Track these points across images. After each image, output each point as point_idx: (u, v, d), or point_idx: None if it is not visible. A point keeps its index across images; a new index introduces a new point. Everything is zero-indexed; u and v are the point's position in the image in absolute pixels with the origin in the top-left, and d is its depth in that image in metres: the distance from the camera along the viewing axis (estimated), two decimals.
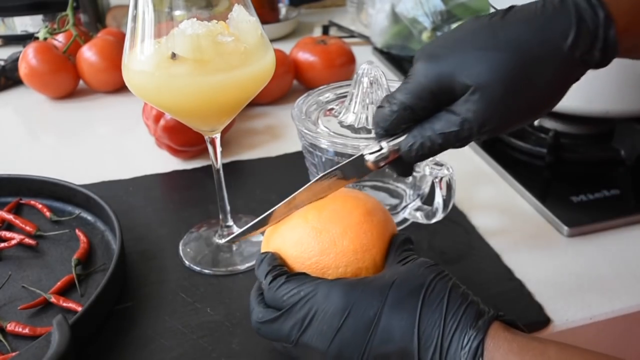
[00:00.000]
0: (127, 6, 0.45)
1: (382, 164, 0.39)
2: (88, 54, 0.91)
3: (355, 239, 0.39)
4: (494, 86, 0.35)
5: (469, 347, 0.33)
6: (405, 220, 0.58)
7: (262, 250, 0.43)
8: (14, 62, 0.97)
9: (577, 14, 0.34)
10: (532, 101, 0.36)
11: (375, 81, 0.54)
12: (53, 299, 0.49)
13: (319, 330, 0.35)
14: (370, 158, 0.39)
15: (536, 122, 0.73)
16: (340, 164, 0.41)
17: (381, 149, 0.39)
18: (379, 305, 0.35)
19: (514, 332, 0.34)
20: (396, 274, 0.37)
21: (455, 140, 0.37)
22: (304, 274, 0.38)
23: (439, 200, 0.51)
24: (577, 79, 0.37)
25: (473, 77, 0.35)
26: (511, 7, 0.36)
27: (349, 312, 0.35)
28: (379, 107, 0.39)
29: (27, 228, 0.58)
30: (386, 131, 0.39)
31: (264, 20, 0.49)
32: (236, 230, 0.57)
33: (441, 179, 0.50)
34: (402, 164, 0.40)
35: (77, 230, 0.58)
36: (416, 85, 0.36)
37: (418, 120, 0.38)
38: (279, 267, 0.39)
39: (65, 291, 0.51)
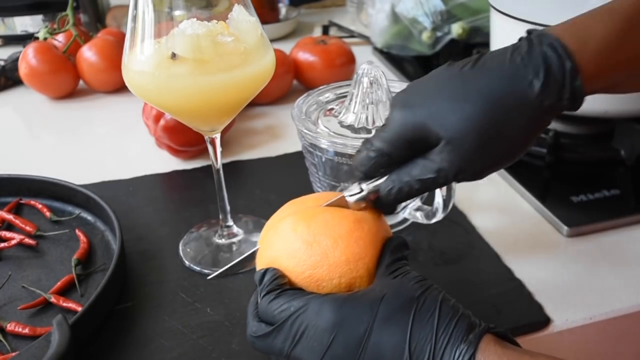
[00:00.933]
0: (127, 6, 0.45)
1: (362, 204, 0.41)
2: (88, 54, 0.91)
3: (346, 249, 0.38)
4: (465, 137, 0.36)
5: None
6: (405, 220, 0.58)
7: (257, 262, 0.43)
8: (14, 62, 0.97)
9: (544, 64, 0.35)
10: (504, 149, 0.37)
11: (375, 81, 0.54)
12: (53, 299, 0.49)
13: (310, 347, 0.35)
14: (350, 200, 0.41)
15: None
16: (324, 205, 0.41)
17: (361, 191, 0.40)
18: (369, 321, 0.34)
19: (505, 345, 0.34)
20: (386, 288, 0.36)
21: (432, 185, 0.38)
22: (297, 288, 0.38)
23: (439, 200, 0.51)
24: (548, 124, 0.38)
25: (445, 128, 0.36)
26: (481, 55, 0.37)
27: (339, 328, 0.35)
28: (358, 151, 0.40)
29: (27, 228, 0.58)
30: (365, 175, 0.40)
31: (264, 20, 0.49)
32: (236, 230, 0.57)
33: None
34: (382, 204, 0.41)
35: (77, 230, 0.58)
36: (392, 133, 0.38)
37: (395, 164, 0.39)
38: (275, 281, 0.38)
39: (65, 291, 0.51)
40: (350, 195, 0.41)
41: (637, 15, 0.37)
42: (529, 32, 0.38)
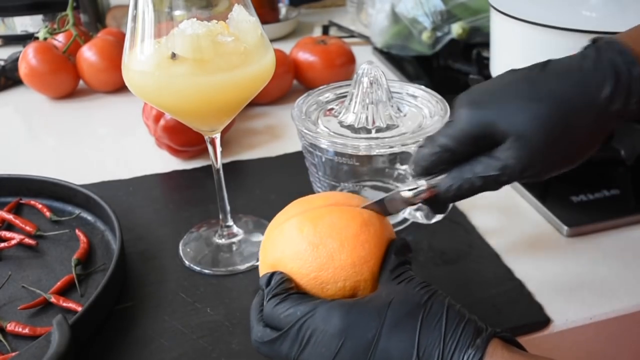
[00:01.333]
0: (127, 6, 0.45)
1: (418, 200, 0.41)
2: (88, 54, 0.91)
3: (353, 252, 0.38)
4: (534, 135, 0.36)
5: None
6: (405, 220, 0.58)
7: (260, 260, 0.42)
8: (14, 62, 0.97)
9: (612, 70, 0.36)
10: (569, 150, 0.38)
11: (375, 81, 0.54)
12: (53, 299, 0.49)
13: (318, 353, 0.35)
14: (408, 194, 0.41)
15: None
16: (376, 200, 0.41)
17: (418, 186, 0.40)
18: (377, 327, 0.35)
19: (512, 349, 0.34)
20: (392, 294, 0.36)
21: (495, 183, 0.39)
22: (302, 293, 0.38)
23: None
24: (612, 130, 0.39)
25: (515, 126, 0.37)
26: (549, 61, 0.38)
27: (347, 334, 0.35)
28: (420, 146, 0.40)
29: (27, 228, 0.58)
30: (425, 170, 0.40)
31: (264, 20, 0.49)
32: (236, 230, 0.57)
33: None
34: (436, 202, 0.41)
35: (77, 230, 0.58)
36: (459, 130, 0.38)
37: (456, 162, 0.39)
38: (282, 285, 0.38)
39: (65, 291, 0.51)
40: (409, 190, 0.40)
41: None
42: (595, 40, 0.39)
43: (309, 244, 0.39)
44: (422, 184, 0.40)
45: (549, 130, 0.36)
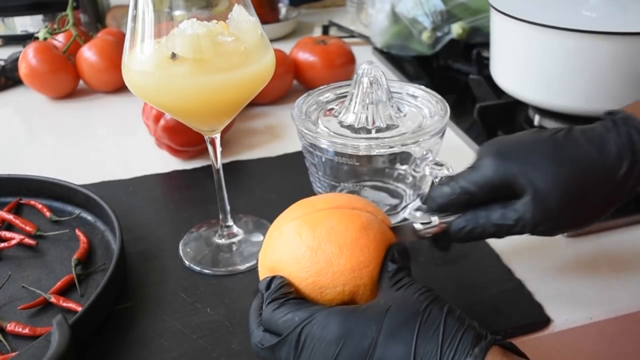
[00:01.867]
0: (127, 6, 0.45)
1: (427, 235, 0.42)
2: (88, 54, 0.90)
3: (352, 256, 0.38)
4: (552, 195, 0.39)
5: None
6: (405, 220, 0.58)
7: (260, 262, 0.42)
8: (14, 62, 0.97)
9: (629, 149, 0.39)
10: (582, 214, 0.41)
11: (375, 81, 0.54)
12: (53, 299, 0.49)
13: None
14: (419, 227, 0.42)
15: (536, 122, 0.73)
16: (391, 226, 0.42)
17: (431, 222, 0.42)
18: (374, 336, 0.34)
19: (511, 357, 0.34)
20: (390, 300, 0.36)
21: (506, 232, 0.41)
22: (301, 298, 0.38)
23: None
24: (625, 201, 0.42)
25: (536, 183, 0.39)
26: (572, 128, 0.41)
27: (344, 342, 0.35)
28: (440, 184, 0.43)
29: (27, 228, 0.58)
30: (440, 207, 0.42)
31: (264, 20, 0.49)
32: (236, 230, 0.57)
33: (441, 179, 0.50)
34: (443, 239, 0.42)
35: (77, 230, 0.58)
36: (482, 177, 0.41)
37: (472, 206, 0.42)
38: (281, 290, 0.38)
39: (65, 291, 0.51)
40: (422, 224, 0.42)
41: None
42: (610, 112, 0.42)
43: (308, 249, 0.39)
44: (435, 220, 0.42)
45: (566, 193, 0.39)
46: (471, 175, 0.41)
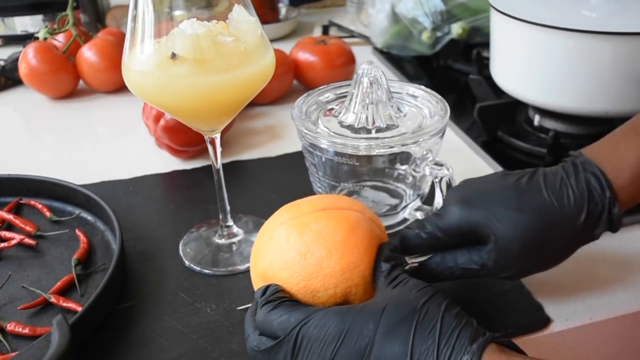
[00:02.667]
0: (127, 6, 0.45)
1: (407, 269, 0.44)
2: (88, 54, 0.91)
3: (341, 258, 0.38)
4: (514, 245, 0.41)
5: None
6: (405, 220, 0.58)
7: (251, 268, 0.43)
8: (14, 62, 0.97)
9: (589, 193, 0.41)
10: (545, 258, 0.43)
11: (375, 81, 0.54)
12: (53, 299, 0.49)
13: None
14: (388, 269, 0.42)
15: (536, 122, 0.73)
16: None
17: (408, 263, 0.45)
18: (371, 335, 0.34)
19: (509, 354, 0.34)
20: (387, 299, 0.36)
21: (472, 276, 0.44)
22: (295, 301, 0.38)
23: (439, 200, 0.51)
24: (585, 243, 0.44)
25: (499, 233, 0.41)
26: (536, 171, 0.43)
27: (341, 342, 0.35)
28: (407, 227, 0.45)
29: (27, 228, 0.58)
30: (411, 250, 0.45)
31: (264, 20, 0.49)
32: (236, 230, 0.57)
33: (441, 179, 0.50)
34: (419, 276, 0.42)
35: (77, 230, 0.58)
36: (448, 224, 0.43)
37: (441, 249, 0.44)
38: (276, 295, 0.38)
39: (65, 291, 0.51)
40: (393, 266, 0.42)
41: None
42: (571, 154, 0.44)
43: (297, 253, 0.39)
44: (408, 261, 0.45)
45: (527, 242, 0.41)
46: (439, 222, 0.43)
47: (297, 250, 0.39)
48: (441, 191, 0.51)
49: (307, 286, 0.38)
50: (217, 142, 0.52)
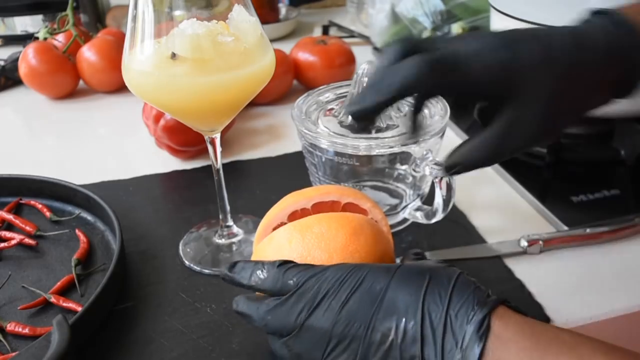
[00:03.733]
0: (127, 6, 0.45)
1: None
2: (88, 54, 0.91)
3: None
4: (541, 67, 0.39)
5: (474, 320, 0.33)
6: (405, 220, 0.58)
7: None
8: (14, 62, 0.97)
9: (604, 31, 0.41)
10: (571, 99, 0.41)
11: None
12: (53, 299, 0.49)
13: (328, 306, 0.35)
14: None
15: None
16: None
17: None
18: (386, 282, 0.35)
19: (523, 316, 0.34)
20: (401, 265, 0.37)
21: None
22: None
23: (439, 200, 0.51)
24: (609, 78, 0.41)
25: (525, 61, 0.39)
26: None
27: (357, 286, 0.35)
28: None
29: (27, 228, 0.58)
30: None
31: (264, 20, 0.49)
32: (236, 230, 0.57)
33: (441, 179, 0.50)
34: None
35: (77, 230, 0.58)
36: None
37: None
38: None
39: (65, 291, 0.51)
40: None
41: None
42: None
43: (297, 256, 0.39)
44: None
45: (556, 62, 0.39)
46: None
47: (297, 252, 0.39)
48: (441, 191, 0.51)
49: None
50: (217, 142, 0.52)
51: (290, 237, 0.40)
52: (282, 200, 0.44)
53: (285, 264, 0.38)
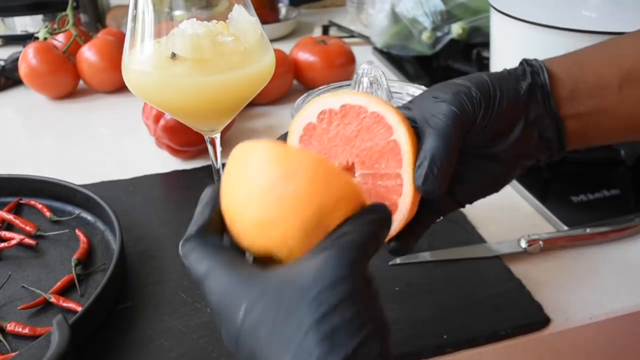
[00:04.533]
0: (127, 6, 0.45)
1: None
2: (88, 54, 0.91)
3: (259, 209, 0.31)
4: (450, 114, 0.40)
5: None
6: None
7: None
8: (14, 62, 0.97)
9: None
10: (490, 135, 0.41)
11: (375, 81, 0.54)
12: (53, 299, 0.49)
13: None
14: None
15: None
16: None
17: None
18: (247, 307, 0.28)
19: None
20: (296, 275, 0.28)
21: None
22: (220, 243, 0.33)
23: None
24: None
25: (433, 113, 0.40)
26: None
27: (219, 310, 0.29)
28: None
29: (27, 228, 0.58)
30: None
31: (264, 20, 0.49)
32: None
33: None
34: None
35: (77, 230, 0.58)
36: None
37: None
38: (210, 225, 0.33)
39: (65, 291, 0.51)
40: None
41: None
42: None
43: (227, 184, 0.35)
44: None
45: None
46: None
47: (228, 181, 0.34)
48: None
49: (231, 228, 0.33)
50: (217, 142, 0.52)
51: (228, 166, 0.35)
52: (312, 100, 0.41)
53: (193, 239, 0.32)
